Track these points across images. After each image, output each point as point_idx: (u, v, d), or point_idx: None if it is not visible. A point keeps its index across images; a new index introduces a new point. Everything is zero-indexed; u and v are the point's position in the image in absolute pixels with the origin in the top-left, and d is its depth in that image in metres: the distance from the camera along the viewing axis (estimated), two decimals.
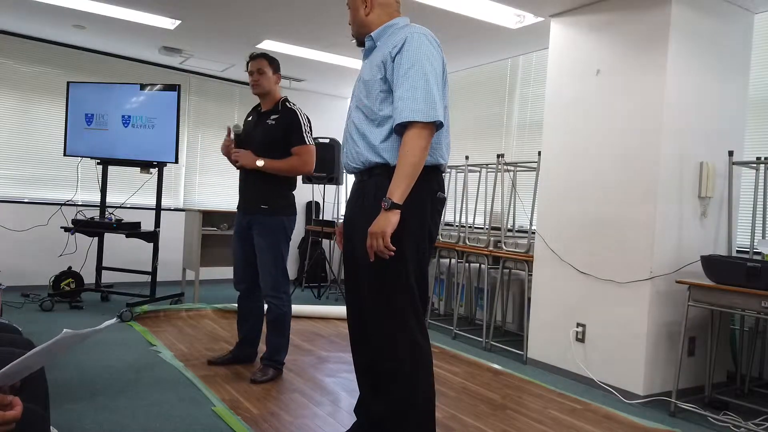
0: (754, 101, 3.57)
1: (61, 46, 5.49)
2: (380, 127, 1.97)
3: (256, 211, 3.10)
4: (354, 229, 2.06)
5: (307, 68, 5.72)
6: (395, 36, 1.99)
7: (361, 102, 2.03)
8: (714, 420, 2.89)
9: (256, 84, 3.14)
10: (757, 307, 2.66)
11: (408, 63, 1.89)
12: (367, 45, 2.09)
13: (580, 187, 3.54)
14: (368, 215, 1.92)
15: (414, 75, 1.87)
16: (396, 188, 1.84)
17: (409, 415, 1.94)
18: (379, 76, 1.96)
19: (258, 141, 3.11)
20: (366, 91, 2.01)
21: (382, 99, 1.96)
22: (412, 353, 1.95)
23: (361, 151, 2.01)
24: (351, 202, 2.13)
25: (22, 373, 1.16)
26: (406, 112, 1.86)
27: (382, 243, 1.82)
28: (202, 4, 4.15)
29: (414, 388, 1.94)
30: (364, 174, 2.04)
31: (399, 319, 1.95)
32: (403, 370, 1.94)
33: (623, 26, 3.35)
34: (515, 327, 4.51)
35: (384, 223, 1.82)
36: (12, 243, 5.16)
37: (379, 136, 1.97)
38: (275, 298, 3.10)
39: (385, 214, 1.83)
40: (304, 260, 6.59)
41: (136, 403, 2.63)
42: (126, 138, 4.66)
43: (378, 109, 1.97)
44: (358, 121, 2.04)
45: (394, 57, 1.93)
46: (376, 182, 1.97)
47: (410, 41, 1.91)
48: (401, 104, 1.87)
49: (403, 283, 1.95)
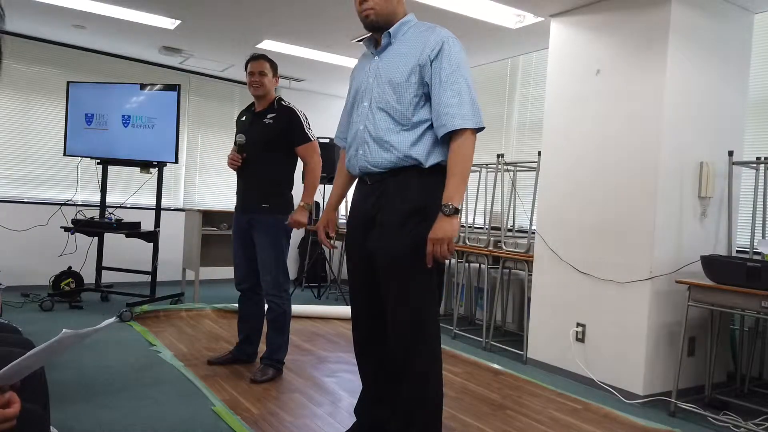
0: (754, 101, 3.57)
1: (61, 46, 5.49)
2: (411, 131, 1.94)
3: (257, 210, 3.10)
4: (370, 228, 2.01)
5: (307, 68, 5.72)
6: (418, 36, 1.96)
7: (388, 105, 1.96)
8: (714, 420, 2.89)
9: (258, 85, 3.14)
10: (757, 307, 2.66)
11: (449, 68, 1.88)
12: (384, 42, 2.03)
13: (580, 187, 3.54)
14: (395, 213, 1.92)
15: (457, 81, 1.87)
16: (455, 194, 1.85)
17: (421, 415, 1.96)
18: (414, 80, 1.92)
19: (256, 141, 3.11)
20: (396, 94, 1.95)
21: (416, 104, 1.93)
22: (434, 358, 1.97)
23: (384, 154, 1.96)
24: (363, 203, 2.06)
25: (22, 373, 1.16)
26: (456, 119, 1.86)
27: (446, 249, 1.83)
28: (202, 4, 4.15)
29: (428, 390, 1.96)
30: (383, 174, 1.99)
31: (428, 324, 1.96)
32: (425, 373, 1.95)
33: (623, 26, 3.35)
34: (515, 327, 4.51)
35: (450, 228, 1.83)
36: (12, 243, 5.15)
37: (409, 140, 1.93)
38: (276, 297, 3.10)
39: (449, 219, 1.83)
40: (304, 260, 6.59)
41: (136, 403, 2.63)
42: (126, 138, 4.66)
43: (411, 114, 1.94)
44: (383, 124, 1.97)
45: (432, 61, 1.90)
46: (400, 181, 1.95)
47: (448, 45, 1.90)
48: (450, 110, 1.86)
49: (433, 288, 1.97)
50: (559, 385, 3.34)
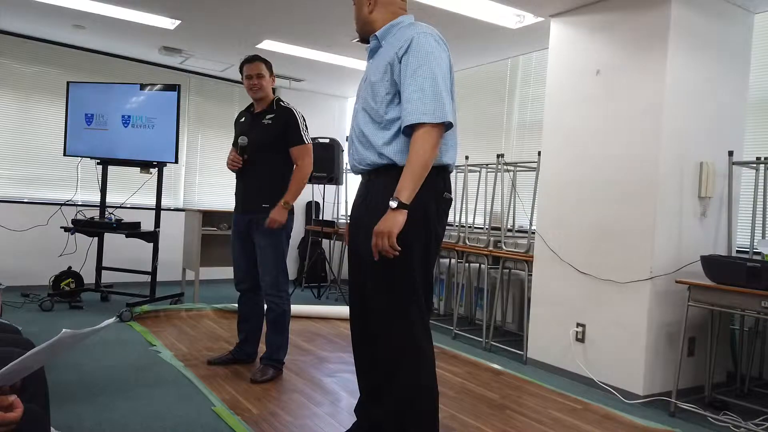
0: (754, 101, 3.57)
1: (61, 46, 5.49)
2: (385, 129, 1.96)
3: (258, 210, 3.09)
4: (359, 228, 2.06)
5: (307, 68, 5.72)
6: (401, 35, 1.97)
7: (367, 104, 2.01)
8: (714, 420, 2.89)
9: (257, 88, 3.14)
10: (757, 307, 2.66)
11: (415, 63, 1.88)
12: (372, 45, 2.07)
13: (580, 187, 3.54)
14: (373, 214, 1.91)
15: (421, 75, 1.86)
16: (404, 188, 1.83)
17: (409, 416, 1.94)
18: (387, 78, 1.95)
19: (256, 142, 3.11)
20: (372, 93, 1.99)
21: (389, 101, 1.95)
22: (415, 354, 1.95)
23: (365, 153, 2.01)
24: (357, 202, 2.13)
25: (22, 373, 1.16)
26: (414, 113, 1.85)
27: (387, 242, 1.82)
28: (202, 4, 4.15)
29: (416, 389, 1.94)
30: (370, 174, 2.04)
31: (403, 320, 1.95)
32: (405, 371, 1.94)
33: (623, 26, 3.35)
34: (515, 327, 4.51)
35: (391, 222, 1.82)
36: (12, 243, 5.15)
37: (383, 138, 1.96)
38: (276, 297, 3.10)
39: (392, 213, 1.83)
40: (304, 260, 6.59)
41: (136, 403, 2.63)
42: (126, 138, 4.66)
43: (384, 112, 1.96)
44: (363, 123, 2.03)
45: (401, 58, 1.91)
46: (383, 182, 1.97)
47: (416, 41, 1.90)
48: (409, 106, 1.86)
49: (409, 284, 1.94)
50: (559, 385, 3.34)
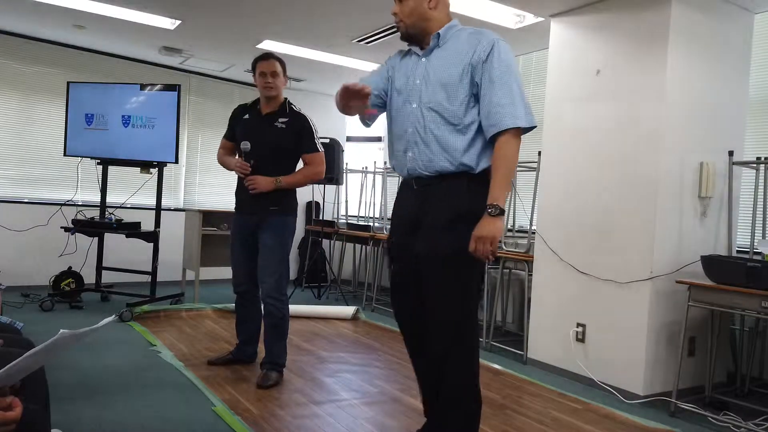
0: (754, 101, 3.57)
1: (61, 46, 5.49)
2: (462, 133, 1.96)
3: (266, 213, 3.04)
4: (423, 229, 2.01)
5: (307, 68, 5.72)
6: (466, 38, 1.99)
7: (440, 105, 1.97)
8: (714, 420, 2.89)
9: (272, 87, 3.05)
10: (757, 307, 2.66)
11: (500, 68, 1.90)
12: (432, 43, 2.04)
13: (580, 187, 3.54)
14: (449, 220, 1.94)
15: (509, 81, 1.89)
16: (500, 194, 1.87)
17: (453, 417, 2.00)
18: (466, 81, 1.94)
19: (269, 145, 3.04)
20: (446, 94, 1.96)
21: (467, 104, 1.95)
22: (470, 360, 2.01)
23: (437, 158, 1.97)
24: (414, 205, 2.06)
25: (22, 373, 1.16)
26: (508, 118, 1.87)
27: (489, 247, 1.85)
28: (202, 4, 4.15)
29: (463, 393, 2.00)
30: (432, 179, 2.00)
31: (472, 319, 2.00)
32: (467, 367, 1.99)
33: (623, 26, 3.35)
34: (515, 327, 4.51)
35: (494, 228, 1.86)
36: (12, 243, 5.15)
37: (462, 143, 1.95)
38: (277, 300, 3.04)
39: (492, 219, 1.86)
40: (304, 260, 6.58)
41: (136, 403, 2.63)
42: (126, 138, 4.66)
43: (463, 114, 1.95)
44: (434, 125, 1.98)
45: (484, 61, 1.92)
46: (448, 185, 1.97)
47: (498, 47, 1.93)
48: (501, 110, 1.88)
49: (474, 288, 2.00)
50: (560, 385, 3.34)
